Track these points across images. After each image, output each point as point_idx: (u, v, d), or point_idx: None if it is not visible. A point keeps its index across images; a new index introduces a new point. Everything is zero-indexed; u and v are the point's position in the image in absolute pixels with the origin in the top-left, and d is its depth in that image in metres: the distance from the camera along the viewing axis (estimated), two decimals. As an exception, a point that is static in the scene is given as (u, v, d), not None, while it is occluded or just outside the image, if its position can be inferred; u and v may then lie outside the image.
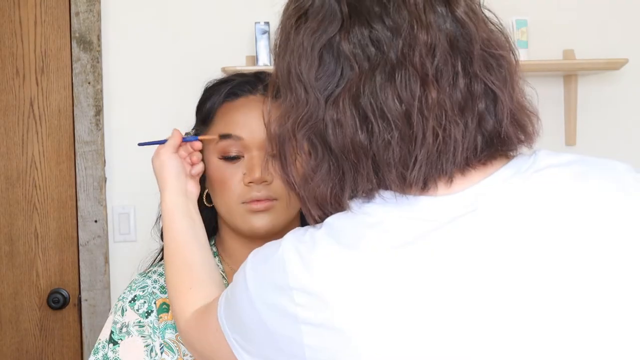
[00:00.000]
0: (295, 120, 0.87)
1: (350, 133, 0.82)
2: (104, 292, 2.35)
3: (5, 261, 2.35)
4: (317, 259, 0.82)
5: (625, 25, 2.59)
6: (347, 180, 0.85)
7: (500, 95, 0.84)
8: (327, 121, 0.84)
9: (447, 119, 0.81)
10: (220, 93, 1.31)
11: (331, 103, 0.84)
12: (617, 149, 2.58)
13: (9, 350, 2.36)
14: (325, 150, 0.85)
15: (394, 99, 0.81)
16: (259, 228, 1.26)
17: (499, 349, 0.78)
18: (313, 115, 0.85)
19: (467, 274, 0.79)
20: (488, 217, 0.81)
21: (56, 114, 2.35)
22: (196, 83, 1.43)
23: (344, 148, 0.83)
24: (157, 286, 1.32)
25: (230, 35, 2.39)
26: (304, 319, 0.82)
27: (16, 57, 2.34)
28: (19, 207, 2.35)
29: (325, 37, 0.84)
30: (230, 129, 1.28)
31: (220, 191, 1.29)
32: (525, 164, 0.86)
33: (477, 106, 0.83)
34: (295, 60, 0.86)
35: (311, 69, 0.85)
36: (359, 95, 0.82)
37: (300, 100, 0.86)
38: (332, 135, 0.84)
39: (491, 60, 0.84)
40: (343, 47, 0.83)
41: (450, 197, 0.83)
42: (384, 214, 0.83)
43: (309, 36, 0.85)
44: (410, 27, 0.81)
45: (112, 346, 1.28)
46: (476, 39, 0.83)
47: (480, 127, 0.83)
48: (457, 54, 0.82)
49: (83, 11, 2.32)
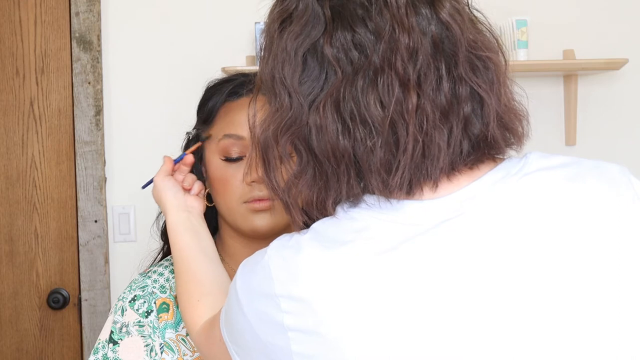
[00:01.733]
0: (279, 125, 0.85)
1: (333, 138, 0.81)
2: (104, 292, 2.35)
3: (5, 261, 2.35)
4: (302, 264, 0.82)
5: (625, 25, 2.59)
6: (332, 186, 0.84)
7: (487, 98, 0.82)
8: (311, 126, 0.83)
9: (429, 123, 0.80)
10: (222, 92, 1.32)
11: (314, 108, 0.82)
12: (617, 149, 2.58)
13: (9, 350, 2.36)
14: (310, 156, 0.84)
15: (376, 104, 0.80)
16: (260, 227, 1.26)
17: (483, 354, 0.77)
18: (297, 120, 0.84)
19: (452, 278, 0.78)
20: (475, 221, 0.81)
21: (56, 114, 2.35)
22: (196, 83, 1.43)
23: (327, 153, 0.82)
24: (156, 286, 1.32)
25: (230, 35, 2.39)
26: (291, 326, 0.81)
27: (16, 57, 2.34)
28: (19, 207, 2.35)
29: (308, 41, 0.83)
30: (232, 128, 1.28)
31: (221, 191, 1.29)
32: (514, 168, 0.85)
33: (462, 110, 0.81)
34: (279, 65, 0.85)
35: (295, 73, 0.84)
36: (341, 100, 0.81)
37: (284, 105, 0.85)
38: (315, 140, 0.83)
39: (477, 62, 0.83)
40: (326, 51, 0.82)
41: (436, 201, 0.82)
42: (369, 219, 0.82)
43: (293, 40, 0.84)
44: (392, 30, 0.80)
45: (112, 346, 1.28)
46: (461, 41, 0.82)
47: (467, 131, 0.82)
48: (442, 57, 0.81)
49: (83, 11, 2.32)
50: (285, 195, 0.89)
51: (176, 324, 1.28)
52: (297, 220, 0.90)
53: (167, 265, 1.35)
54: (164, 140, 2.07)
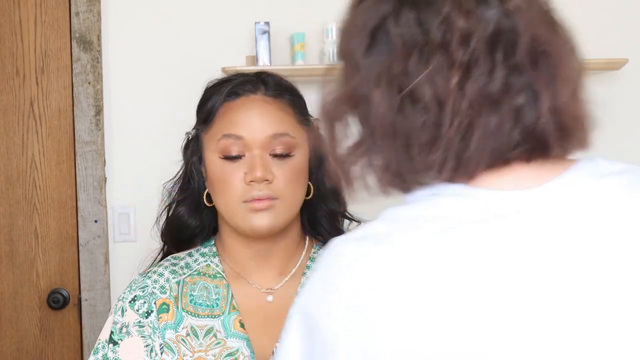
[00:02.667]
0: (341, 96, 0.87)
1: (389, 113, 0.83)
2: (104, 292, 2.35)
3: (5, 261, 2.35)
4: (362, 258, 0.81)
5: (625, 25, 2.59)
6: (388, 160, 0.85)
7: (542, 93, 0.82)
8: (370, 100, 0.84)
9: (476, 107, 0.80)
10: (221, 92, 1.32)
11: (375, 83, 0.84)
12: (617, 149, 2.57)
13: (9, 350, 2.35)
14: (367, 129, 0.86)
15: (427, 81, 0.81)
16: (259, 227, 1.26)
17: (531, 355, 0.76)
18: (357, 92, 0.85)
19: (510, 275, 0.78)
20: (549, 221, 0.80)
21: (56, 114, 2.35)
22: (196, 83, 1.43)
23: (382, 128, 0.84)
24: (157, 286, 1.32)
25: (230, 35, 2.39)
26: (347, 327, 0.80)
27: (16, 57, 2.34)
28: (19, 207, 2.35)
29: (377, 17, 0.84)
30: (231, 128, 1.28)
31: (221, 190, 1.29)
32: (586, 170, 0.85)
33: (514, 100, 0.81)
34: (348, 37, 0.87)
35: (360, 46, 0.85)
36: (396, 76, 0.82)
37: (348, 77, 0.87)
38: (372, 114, 0.84)
39: (540, 57, 0.83)
40: (391, 28, 0.83)
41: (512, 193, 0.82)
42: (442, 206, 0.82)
43: (364, 14, 0.86)
44: (450, 13, 0.81)
45: (112, 346, 1.28)
46: (525, 33, 0.82)
47: (518, 122, 0.82)
48: (500, 45, 0.81)
49: (83, 11, 2.32)
50: (339, 165, 0.89)
51: (176, 324, 1.29)
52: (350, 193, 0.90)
53: (167, 265, 1.35)
54: (164, 140, 2.08)
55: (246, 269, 1.34)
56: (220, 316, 1.29)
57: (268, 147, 1.27)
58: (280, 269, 1.34)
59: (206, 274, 1.34)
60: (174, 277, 1.33)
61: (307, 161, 1.33)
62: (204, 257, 1.36)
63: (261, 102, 1.30)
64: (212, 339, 1.28)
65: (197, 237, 1.39)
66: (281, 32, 2.36)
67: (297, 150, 1.30)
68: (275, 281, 1.34)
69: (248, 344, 1.27)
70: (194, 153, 1.35)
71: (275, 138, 1.27)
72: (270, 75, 1.35)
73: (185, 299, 1.31)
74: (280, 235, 1.32)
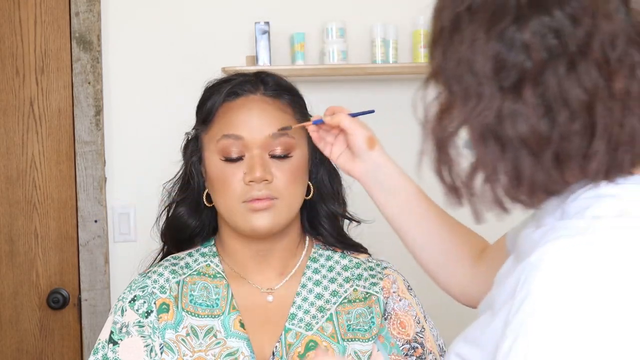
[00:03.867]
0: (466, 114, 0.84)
1: (532, 123, 0.81)
2: (104, 292, 2.35)
3: (5, 261, 2.35)
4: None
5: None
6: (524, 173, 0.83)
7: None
8: (504, 112, 0.82)
9: (626, 110, 0.80)
10: (221, 92, 1.32)
11: (510, 94, 0.81)
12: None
13: (9, 350, 2.35)
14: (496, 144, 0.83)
15: (575, 88, 0.80)
16: (259, 227, 1.26)
17: None
18: (487, 107, 0.82)
19: None
20: None
21: (56, 114, 2.35)
22: (196, 83, 1.43)
23: (524, 138, 0.81)
24: (156, 286, 1.32)
25: (230, 35, 2.39)
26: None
27: (16, 57, 2.34)
28: (19, 207, 2.35)
29: (500, 26, 0.82)
30: (230, 128, 1.28)
31: (221, 191, 1.29)
32: None
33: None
34: (468, 51, 0.83)
35: (486, 59, 0.82)
36: (541, 84, 0.81)
37: (470, 93, 0.83)
38: (509, 126, 0.81)
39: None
40: (521, 36, 0.81)
41: None
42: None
43: (483, 25, 0.83)
44: (592, 16, 0.80)
45: (112, 346, 1.28)
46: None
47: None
48: (634, 44, 0.82)
49: (83, 11, 2.32)
50: (464, 186, 0.87)
51: (176, 324, 1.29)
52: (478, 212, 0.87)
53: (167, 265, 1.35)
54: (164, 140, 2.07)
55: (246, 269, 1.34)
56: (220, 316, 1.29)
57: (267, 147, 1.27)
58: (281, 269, 1.34)
59: (206, 274, 1.34)
60: (174, 277, 1.33)
61: (307, 161, 1.33)
62: (203, 257, 1.36)
63: (260, 102, 1.30)
64: (212, 339, 1.27)
65: (197, 237, 1.39)
66: (281, 32, 2.36)
67: (297, 150, 1.30)
68: (275, 281, 1.34)
69: (248, 344, 1.27)
70: (193, 153, 1.34)
71: (275, 138, 1.27)
72: (270, 75, 1.35)
73: (185, 299, 1.31)
74: (281, 236, 1.32)
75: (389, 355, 1.30)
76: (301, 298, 1.32)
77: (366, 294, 1.34)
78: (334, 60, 2.30)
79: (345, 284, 1.34)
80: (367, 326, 1.31)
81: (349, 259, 1.38)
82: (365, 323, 1.31)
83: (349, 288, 1.34)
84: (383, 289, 1.34)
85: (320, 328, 1.29)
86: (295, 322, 1.29)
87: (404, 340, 1.31)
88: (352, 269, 1.36)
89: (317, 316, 1.30)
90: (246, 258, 1.33)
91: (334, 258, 1.37)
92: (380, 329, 1.31)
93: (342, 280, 1.34)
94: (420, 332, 1.32)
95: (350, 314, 1.31)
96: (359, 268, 1.36)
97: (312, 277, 1.34)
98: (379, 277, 1.35)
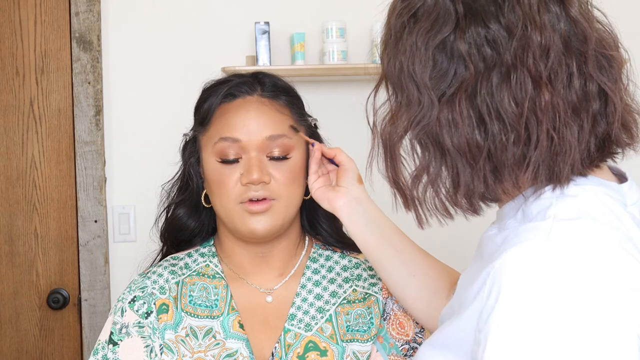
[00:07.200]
0: (408, 120, 0.86)
1: (467, 133, 0.82)
2: (104, 292, 2.35)
3: (5, 261, 2.35)
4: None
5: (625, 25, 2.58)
6: (462, 181, 0.84)
7: (613, 96, 0.83)
8: (442, 121, 0.83)
9: (561, 120, 0.81)
10: (218, 94, 1.31)
11: (446, 103, 0.83)
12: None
13: (9, 350, 2.36)
14: (437, 151, 0.85)
15: (509, 100, 0.81)
16: (258, 230, 1.26)
17: None
18: (426, 115, 0.84)
19: None
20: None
21: (56, 114, 2.35)
22: (196, 83, 1.43)
23: (460, 148, 0.83)
24: (156, 287, 1.31)
25: (230, 35, 2.39)
26: None
27: (16, 57, 2.34)
28: (19, 207, 2.35)
29: (439, 37, 0.83)
30: (227, 131, 1.28)
31: (217, 192, 1.28)
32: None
33: (591, 107, 0.82)
34: (408, 60, 0.86)
35: (425, 68, 0.84)
36: (476, 95, 0.82)
37: (412, 100, 0.85)
38: (446, 135, 0.83)
39: (603, 60, 0.84)
40: (458, 46, 0.82)
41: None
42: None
43: (423, 35, 0.85)
44: (524, 28, 0.81)
45: (111, 347, 1.28)
46: (590, 38, 0.83)
47: (594, 129, 0.83)
48: (572, 54, 0.82)
49: (83, 11, 2.32)
50: (409, 190, 0.89)
51: (175, 324, 1.28)
52: (421, 216, 0.89)
53: (166, 266, 1.35)
54: (164, 140, 2.07)
55: (245, 270, 1.34)
56: (219, 317, 1.29)
57: (265, 149, 1.27)
58: (280, 270, 1.34)
59: (205, 275, 1.34)
60: (173, 277, 1.33)
61: (305, 161, 1.32)
62: (203, 257, 1.36)
63: (258, 104, 1.30)
64: (212, 340, 1.27)
65: (196, 237, 1.39)
66: (281, 32, 2.36)
67: (294, 151, 1.29)
68: (275, 281, 1.34)
69: (247, 345, 1.27)
70: (191, 154, 1.34)
71: (272, 140, 1.27)
72: (267, 75, 1.35)
73: (184, 299, 1.31)
74: (280, 237, 1.32)
75: (388, 355, 1.30)
76: (300, 298, 1.32)
77: (365, 294, 1.33)
78: (334, 60, 2.30)
79: (344, 285, 1.34)
80: (366, 327, 1.31)
81: (349, 259, 1.37)
82: (365, 324, 1.31)
83: (348, 289, 1.34)
84: (382, 289, 1.34)
85: (319, 329, 1.29)
86: (295, 323, 1.29)
87: (403, 340, 1.31)
88: (352, 269, 1.36)
89: (316, 317, 1.30)
90: (245, 259, 1.33)
91: (334, 258, 1.37)
92: (380, 330, 1.31)
93: (341, 280, 1.34)
94: (420, 333, 1.32)
95: (350, 315, 1.31)
96: (358, 268, 1.36)
97: (312, 277, 1.34)
98: (378, 277, 1.35)
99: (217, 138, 1.28)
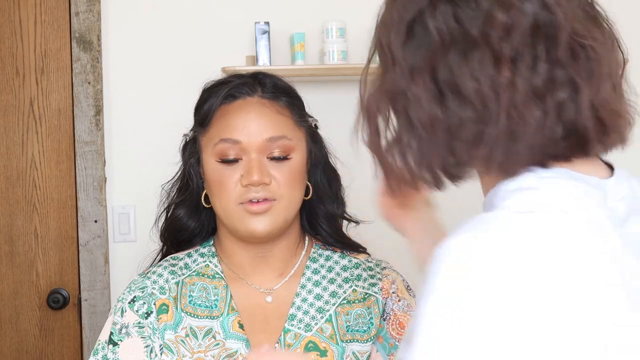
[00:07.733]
0: (381, 89, 0.88)
1: (428, 107, 0.83)
2: (104, 292, 2.35)
3: (5, 261, 2.35)
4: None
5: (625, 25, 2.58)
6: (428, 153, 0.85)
7: (583, 86, 0.82)
8: (408, 94, 0.85)
9: (521, 101, 0.80)
10: (218, 95, 1.31)
11: (413, 76, 0.84)
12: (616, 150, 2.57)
13: (9, 350, 2.35)
14: (407, 123, 0.86)
15: (469, 76, 0.81)
16: (258, 231, 1.26)
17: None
18: (397, 86, 0.86)
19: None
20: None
21: (56, 114, 2.35)
22: (196, 83, 1.43)
23: (422, 120, 0.84)
24: (156, 287, 1.31)
25: (230, 35, 2.39)
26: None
27: (16, 57, 2.34)
28: (19, 207, 2.35)
29: (414, 11, 0.85)
30: (227, 132, 1.28)
31: (217, 193, 1.28)
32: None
33: (557, 94, 0.81)
34: (386, 32, 0.88)
35: (397, 40, 0.86)
36: (437, 70, 0.83)
37: (387, 71, 0.88)
38: (412, 108, 0.85)
39: (580, 50, 0.83)
40: (428, 21, 0.84)
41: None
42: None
43: (400, 8, 0.87)
44: (490, 6, 0.81)
45: (111, 347, 1.28)
46: (564, 26, 0.82)
47: (561, 117, 0.82)
48: (541, 39, 0.81)
49: (83, 11, 2.32)
50: (383, 158, 0.90)
51: (175, 325, 1.28)
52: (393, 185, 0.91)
53: (166, 266, 1.35)
54: (164, 140, 2.07)
55: (245, 271, 1.34)
56: (219, 317, 1.29)
57: (265, 150, 1.27)
58: (280, 270, 1.34)
59: (205, 275, 1.34)
60: (173, 277, 1.33)
61: (305, 162, 1.32)
62: (202, 257, 1.36)
63: (258, 105, 1.30)
64: (211, 340, 1.27)
65: (196, 237, 1.39)
66: (281, 32, 2.35)
67: (295, 152, 1.29)
68: (275, 282, 1.34)
69: (247, 345, 1.27)
70: (191, 155, 1.34)
71: (273, 141, 1.27)
72: (268, 76, 1.35)
73: (184, 299, 1.31)
74: (280, 237, 1.32)
75: (387, 355, 1.30)
76: (300, 299, 1.31)
77: (365, 294, 1.33)
78: (334, 60, 2.30)
79: (344, 285, 1.34)
80: (366, 327, 1.31)
81: (349, 259, 1.37)
82: (364, 324, 1.31)
83: (348, 289, 1.34)
84: (382, 290, 1.34)
85: (319, 329, 1.29)
86: (295, 323, 1.29)
87: (404, 340, 1.31)
88: (351, 269, 1.36)
89: (316, 317, 1.30)
90: (245, 259, 1.33)
91: (334, 258, 1.37)
92: (379, 330, 1.31)
93: (341, 280, 1.34)
94: (420, 333, 1.32)
95: (350, 315, 1.31)
96: (358, 268, 1.36)
97: (312, 277, 1.34)
98: (378, 277, 1.35)
99: (217, 139, 1.28)
